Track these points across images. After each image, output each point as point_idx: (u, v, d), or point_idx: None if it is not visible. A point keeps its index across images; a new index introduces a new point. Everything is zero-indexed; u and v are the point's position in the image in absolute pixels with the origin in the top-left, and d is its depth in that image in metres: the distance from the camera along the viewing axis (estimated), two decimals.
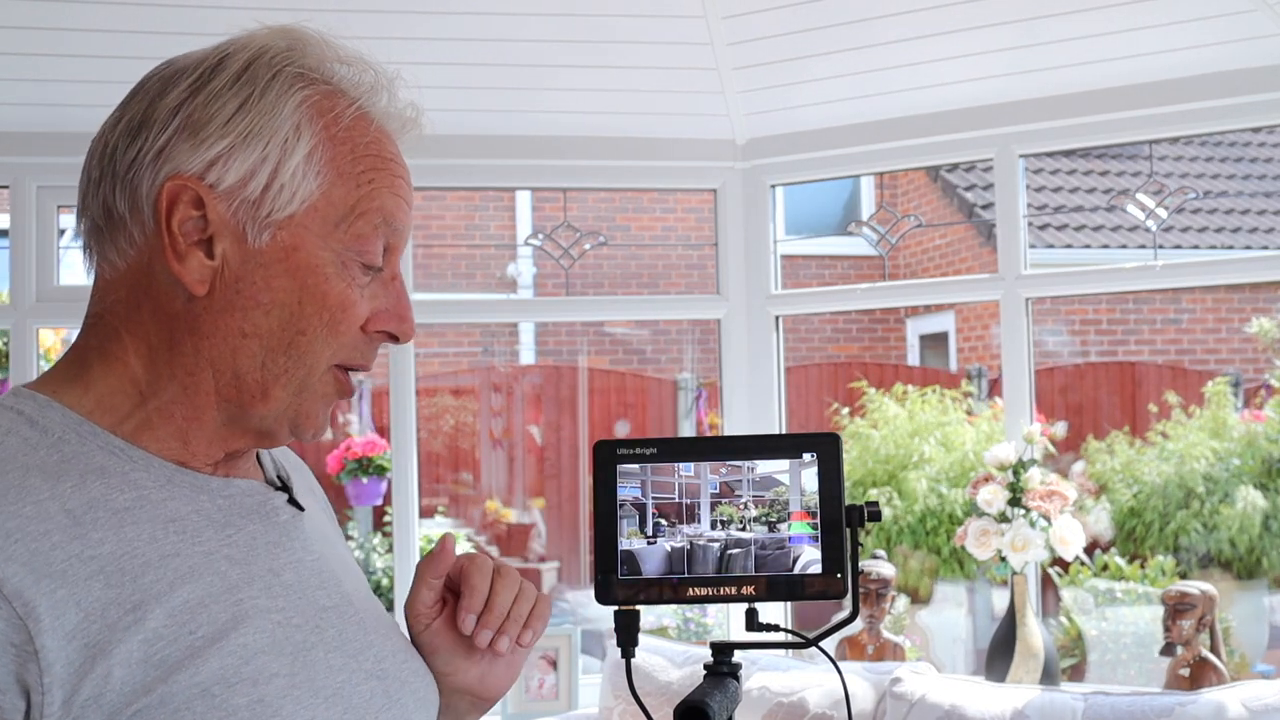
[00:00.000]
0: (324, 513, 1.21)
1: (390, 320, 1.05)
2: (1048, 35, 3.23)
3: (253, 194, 0.99)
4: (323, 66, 1.03)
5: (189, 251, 0.99)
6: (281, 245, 1.00)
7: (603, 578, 1.12)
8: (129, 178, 1.00)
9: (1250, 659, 5.60)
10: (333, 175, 1.01)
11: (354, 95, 1.04)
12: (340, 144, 1.02)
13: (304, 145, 1.00)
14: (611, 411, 8.31)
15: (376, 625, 1.09)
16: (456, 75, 3.44)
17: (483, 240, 9.68)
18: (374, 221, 1.02)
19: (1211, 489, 6.15)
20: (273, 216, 0.99)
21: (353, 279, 1.02)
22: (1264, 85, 3.20)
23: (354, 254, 1.02)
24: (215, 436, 1.03)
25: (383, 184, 1.03)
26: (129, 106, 1.03)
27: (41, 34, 3.18)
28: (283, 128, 1.00)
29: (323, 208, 1.01)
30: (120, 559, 0.92)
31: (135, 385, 1.01)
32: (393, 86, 1.07)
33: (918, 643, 4.99)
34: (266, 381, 1.01)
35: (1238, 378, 7.95)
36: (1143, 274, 3.66)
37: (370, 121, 1.04)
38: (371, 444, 6.87)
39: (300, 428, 1.04)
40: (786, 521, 1.12)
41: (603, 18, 3.25)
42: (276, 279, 1.00)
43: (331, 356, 1.03)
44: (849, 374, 8.57)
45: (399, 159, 1.06)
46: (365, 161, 1.03)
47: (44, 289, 3.61)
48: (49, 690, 0.86)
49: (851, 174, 4.21)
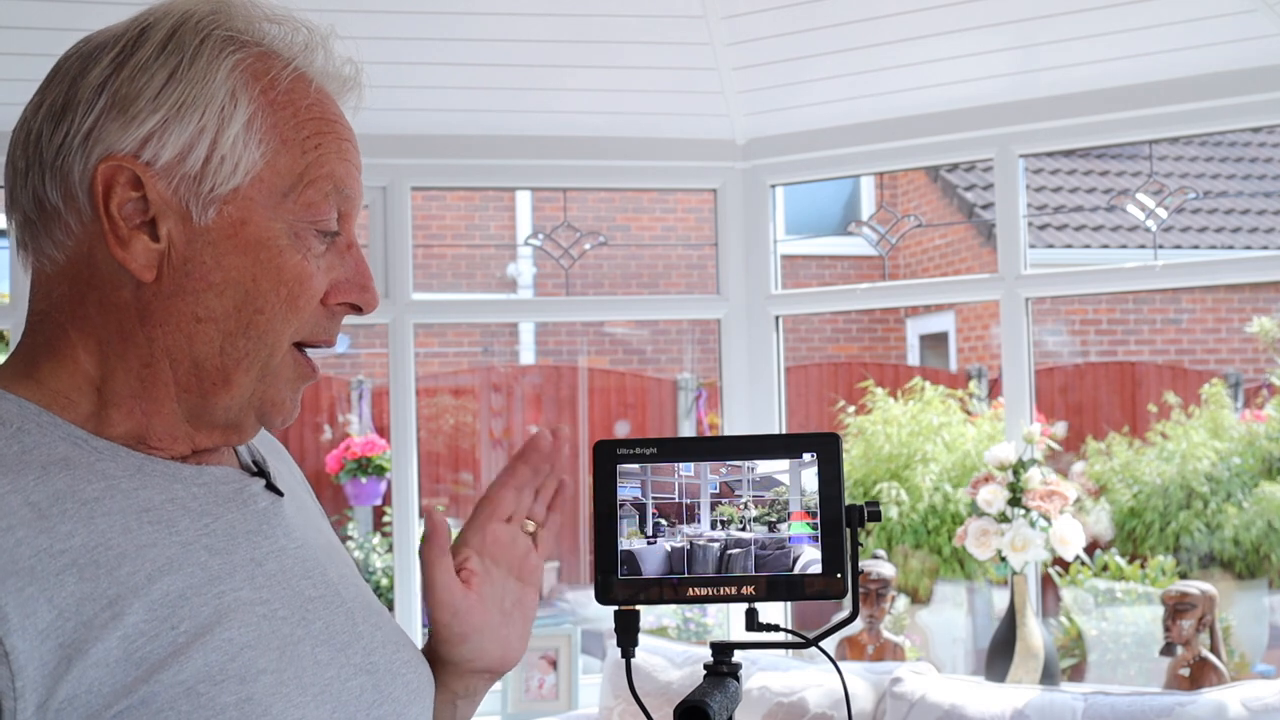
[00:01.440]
0: (308, 495, 1.16)
1: (351, 290, 1.00)
2: (1048, 35, 3.23)
3: (193, 168, 0.93)
4: (252, 27, 0.97)
5: (132, 236, 0.93)
6: (229, 220, 0.94)
7: (603, 578, 1.12)
8: (58, 165, 0.93)
9: (1250, 659, 5.59)
10: (276, 143, 0.95)
11: (288, 56, 0.98)
12: (280, 109, 0.96)
13: (242, 113, 0.94)
14: (611, 411, 8.31)
15: (365, 615, 1.05)
16: (457, 75, 3.44)
17: (483, 240, 9.68)
18: (324, 189, 0.97)
19: (1215, 489, 6.15)
20: (217, 191, 0.94)
21: (308, 250, 0.97)
22: (1264, 85, 3.20)
23: (307, 223, 0.96)
24: (179, 433, 0.97)
25: (329, 148, 0.98)
26: (49, 89, 0.96)
27: (41, 34, 3.18)
28: (218, 95, 0.93)
29: (269, 178, 0.95)
30: (93, 551, 0.87)
31: (89, 382, 0.95)
32: (328, 43, 1.00)
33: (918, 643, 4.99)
34: (227, 367, 0.95)
35: (1237, 378, 7.95)
36: (1143, 274, 3.66)
37: (309, 82, 0.98)
38: (371, 444, 6.87)
39: (268, 415, 0.99)
40: (786, 521, 1.11)
41: (603, 18, 3.25)
42: (227, 256, 0.94)
43: (294, 334, 0.97)
44: (849, 374, 8.57)
45: (343, 120, 1.00)
46: (309, 126, 0.97)
47: None
48: (21, 695, 0.82)
49: (851, 174, 4.21)
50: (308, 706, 0.93)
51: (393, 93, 3.50)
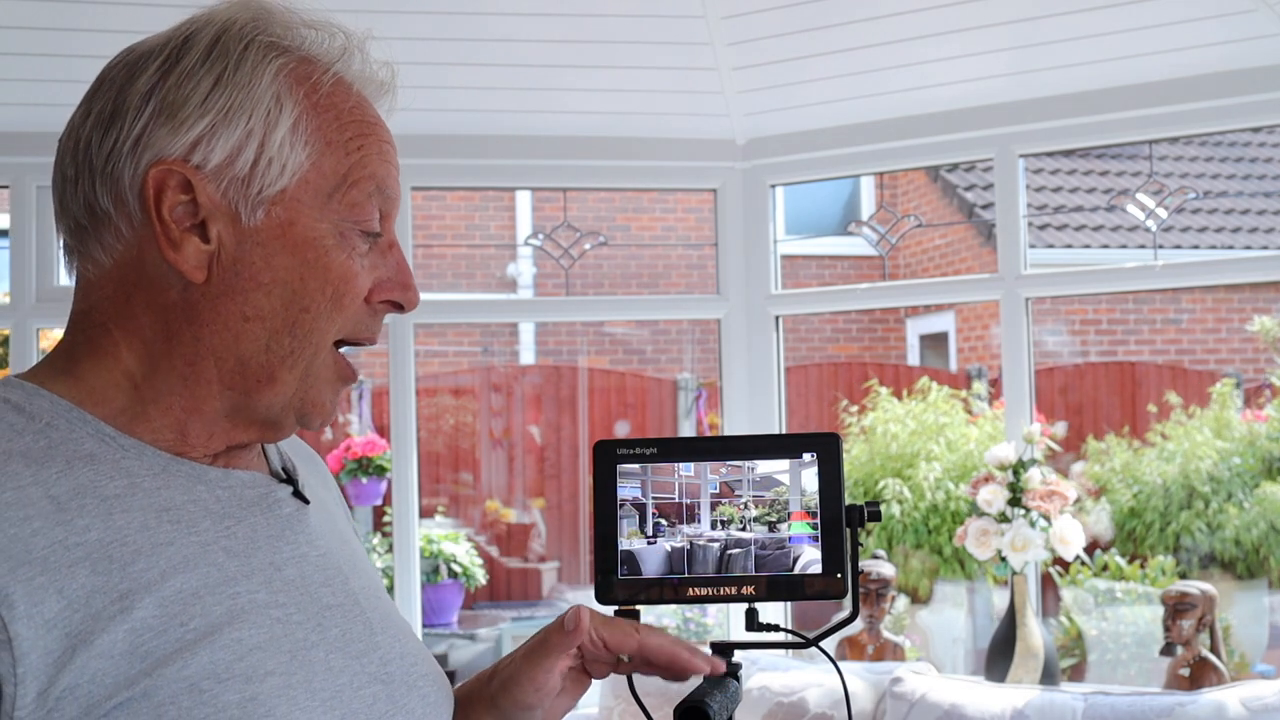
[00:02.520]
0: (338, 506, 1.17)
1: (394, 289, 1.02)
2: (1048, 35, 3.23)
3: (241, 171, 0.95)
4: (291, 33, 0.99)
5: (183, 238, 0.95)
6: (277, 221, 0.96)
7: (603, 578, 1.12)
8: (108, 171, 0.96)
9: (1250, 659, 5.59)
10: (321, 144, 0.98)
11: (328, 61, 1.00)
12: (324, 112, 0.99)
13: (288, 116, 0.97)
14: (611, 411, 8.31)
15: (384, 626, 1.05)
16: (457, 75, 3.44)
17: (483, 240, 9.68)
18: (367, 190, 0.99)
19: (1216, 489, 6.15)
20: (265, 192, 0.96)
21: (353, 249, 0.99)
22: (1264, 85, 3.20)
23: (351, 223, 0.99)
24: (216, 429, 0.99)
25: (371, 150, 1.01)
26: (96, 99, 0.98)
27: (42, 34, 3.18)
28: (264, 100, 0.96)
29: (314, 179, 0.98)
30: (108, 546, 0.89)
31: (129, 379, 0.97)
32: (364, 48, 1.03)
33: (918, 643, 4.99)
34: (272, 365, 0.98)
35: (1237, 378, 7.95)
36: (1143, 274, 3.66)
37: (349, 86, 1.01)
38: (371, 444, 6.87)
39: (308, 415, 1.01)
40: (786, 521, 1.11)
41: (603, 18, 3.25)
42: (276, 257, 0.96)
43: (337, 332, 0.99)
44: (849, 374, 8.57)
45: (382, 122, 1.03)
46: (351, 128, 1.00)
47: (44, 289, 3.61)
48: (22, 681, 0.83)
49: (851, 174, 4.21)
50: (315, 711, 0.94)
51: None
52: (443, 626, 6.22)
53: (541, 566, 7.89)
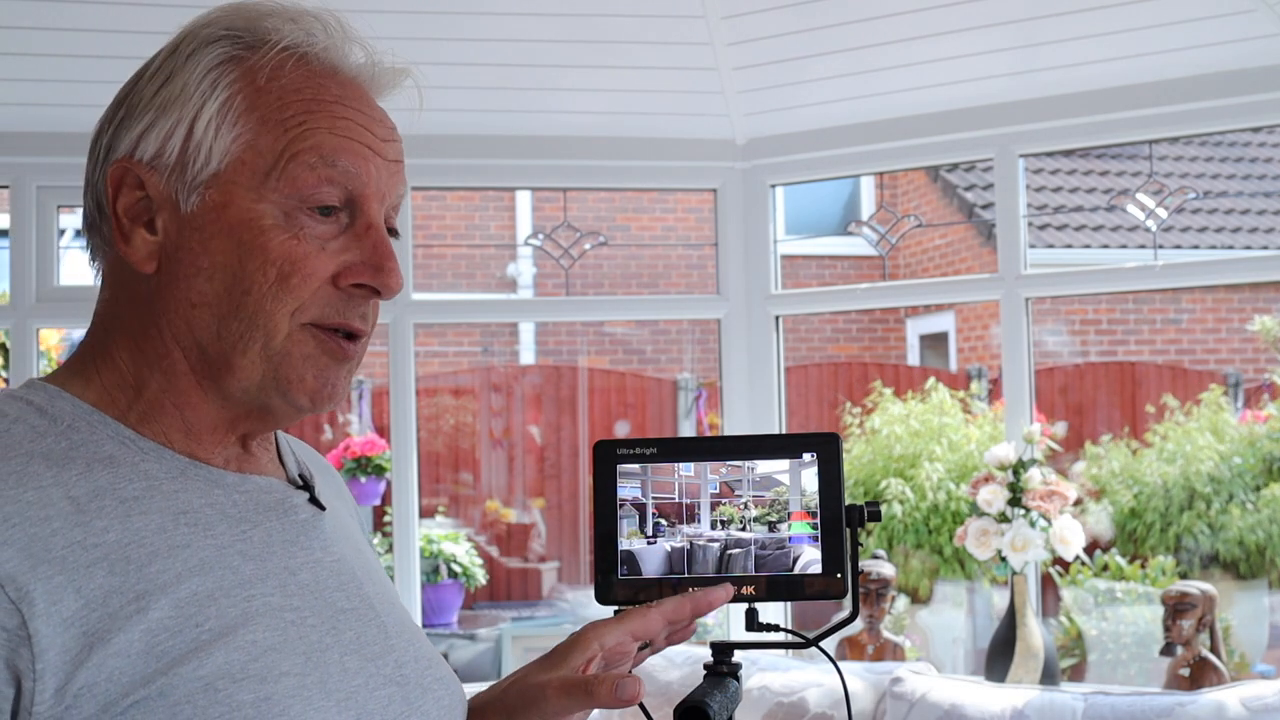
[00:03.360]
0: (351, 517, 1.18)
1: (364, 272, 0.99)
2: (1048, 35, 3.23)
3: (172, 158, 0.97)
4: (252, 24, 0.99)
5: (133, 231, 0.98)
6: (211, 205, 0.96)
7: (603, 578, 1.12)
8: (94, 179, 1.00)
9: (1250, 659, 5.60)
10: (254, 124, 0.97)
11: (285, 44, 0.99)
12: (263, 92, 0.97)
13: (217, 99, 0.97)
14: (611, 411, 8.30)
15: (399, 631, 1.06)
16: (457, 75, 3.44)
17: (483, 240, 9.68)
18: (308, 162, 0.96)
19: (1217, 489, 6.15)
20: (198, 177, 0.96)
21: (301, 229, 0.97)
22: (1264, 85, 3.20)
23: (296, 201, 0.97)
24: (217, 420, 1.00)
25: (318, 124, 0.98)
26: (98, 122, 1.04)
27: (41, 34, 3.18)
28: (196, 87, 0.97)
29: (250, 159, 0.96)
30: (125, 548, 0.90)
31: (125, 378, 0.99)
32: (345, 33, 1.02)
33: (918, 643, 4.99)
34: (225, 350, 0.97)
35: (1237, 378, 7.95)
36: (1143, 274, 3.66)
37: (308, 66, 0.99)
38: (371, 444, 6.87)
39: (290, 395, 0.98)
40: (786, 521, 1.11)
41: (603, 18, 3.25)
42: (212, 240, 0.96)
43: (297, 315, 0.97)
44: (849, 374, 8.57)
45: (351, 100, 1.00)
46: (295, 105, 0.98)
47: (44, 289, 3.61)
48: (41, 677, 0.84)
49: (851, 174, 4.21)
50: (330, 711, 0.94)
51: (392, 92, 3.49)
52: (443, 626, 6.22)
53: (541, 566, 7.89)
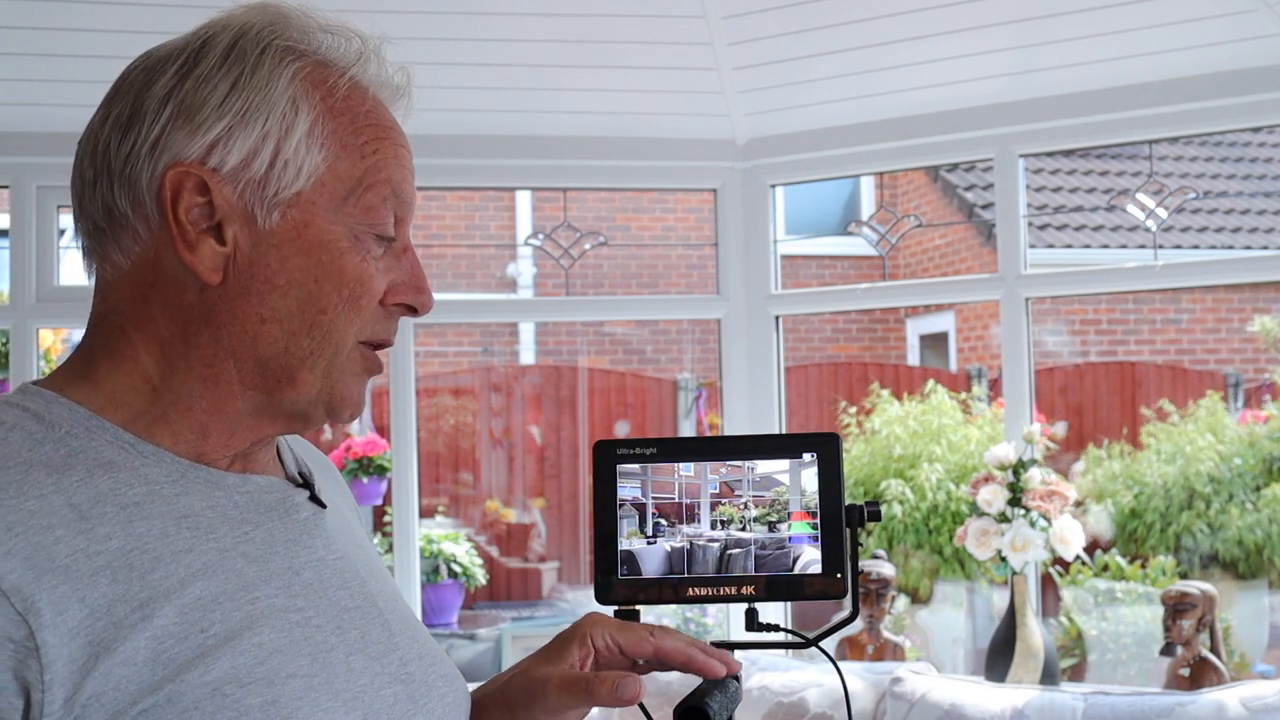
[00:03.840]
0: (352, 513, 1.18)
1: (408, 292, 1.03)
2: (1048, 35, 3.23)
3: (258, 173, 0.96)
4: (308, 38, 1.00)
5: (200, 240, 0.96)
6: (293, 224, 0.97)
7: (603, 578, 1.12)
8: (126, 173, 0.96)
9: (1250, 659, 5.60)
10: (336, 148, 0.99)
11: (344, 65, 1.01)
12: (339, 115, 0.99)
13: (304, 119, 0.97)
14: (611, 411, 8.31)
15: (403, 629, 1.06)
16: (457, 75, 3.44)
17: (483, 240, 9.68)
18: (383, 193, 1.00)
19: (1217, 489, 6.15)
20: (281, 195, 0.97)
21: (367, 252, 1.00)
22: (1264, 85, 3.20)
23: (366, 226, 0.99)
24: (240, 426, 1.00)
25: (387, 154, 1.01)
26: (115, 102, 0.99)
27: (41, 34, 3.18)
28: (280, 103, 0.97)
29: (330, 182, 0.98)
30: (129, 554, 0.89)
31: (148, 382, 0.97)
32: (380, 52, 1.04)
33: (918, 643, 4.99)
34: (293, 366, 0.98)
35: (1237, 378, 7.96)
36: (1143, 274, 3.66)
37: (365, 90, 1.02)
38: (371, 444, 6.87)
39: (336, 409, 1.01)
40: (786, 521, 1.11)
41: (603, 18, 3.25)
42: (291, 259, 0.97)
43: (357, 333, 1.00)
44: (849, 374, 8.57)
45: (398, 127, 1.04)
46: (367, 132, 1.00)
47: (44, 289, 3.61)
48: (49, 688, 0.84)
49: (851, 174, 4.21)
50: (337, 711, 0.95)
51: None
52: (443, 626, 6.23)
53: (541, 566, 7.89)
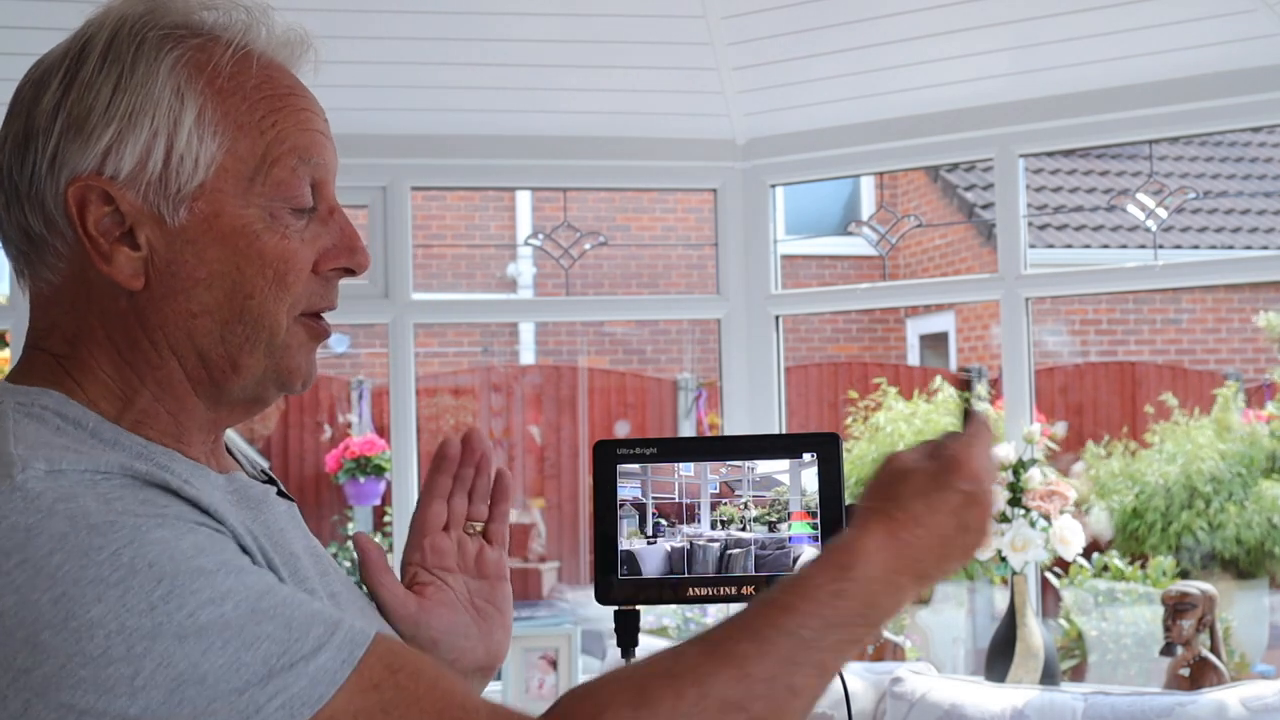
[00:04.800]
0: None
1: (340, 255, 1.01)
2: (1048, 35, 3.22)
3: (154, 173, 0.95)
4: (189, 19, 0.98)
5: (114, 250, 0.95)
6: (201, 216, 0.96)
7: (603, 578, 1.12)
8: (33, 194, 0.95)
9: (1250, 659, 5.60)
10: (232, 130, 0.96)
11: (228, 39, 0.98)
12: (229, 96, 0.97)
13: (191, 108, 0.95)
14: (611, 411, 8.30)
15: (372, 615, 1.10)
16: (457, 75, 3.44)
17: (483, 240, 9.68)
18: (290, 164, 0.98)
19: (1218, 489, 6.15)
20: (183, 190, 0.95)
21: (286, 228, 0.98)
22: (1264, 85, 3.20)
23: (281, 202, 0.98)
24: (205, 421, 1.01)
25: (287, 122, 0.98)
26: (11, 122, 0.98)
27: (42, 34, 3.18)
28: (164, 97, 0.95)
29: (232, 166, 0.96)
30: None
31: (111, 390, 0.98)
32: (268, 16, 1.01)
33: (918, 643, 4.99)
34: (232, 354, 0.98)
35: (1238, 378, 7.95)
36: (1143, 274, 3.66)
37: (252, 59, 0.99)
38: (370, 443, 6.87)
39: (287, 383, 1.01)
40: (787, 521, 1.11)
41: (603, 18, 3.24)
42: (208, 250, 0.96)
43: (290, 309, 0.99)
44: (849, 374, 8.57)
45: (297, 90, 1.01)
46: (261, 105, 0.98)
47: None
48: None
49: (851, 174, 4.22)
50: None
51: (393, 93, 3.49)
52: None
53: (541, 566, 7.88)
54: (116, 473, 0.87)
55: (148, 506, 0.86)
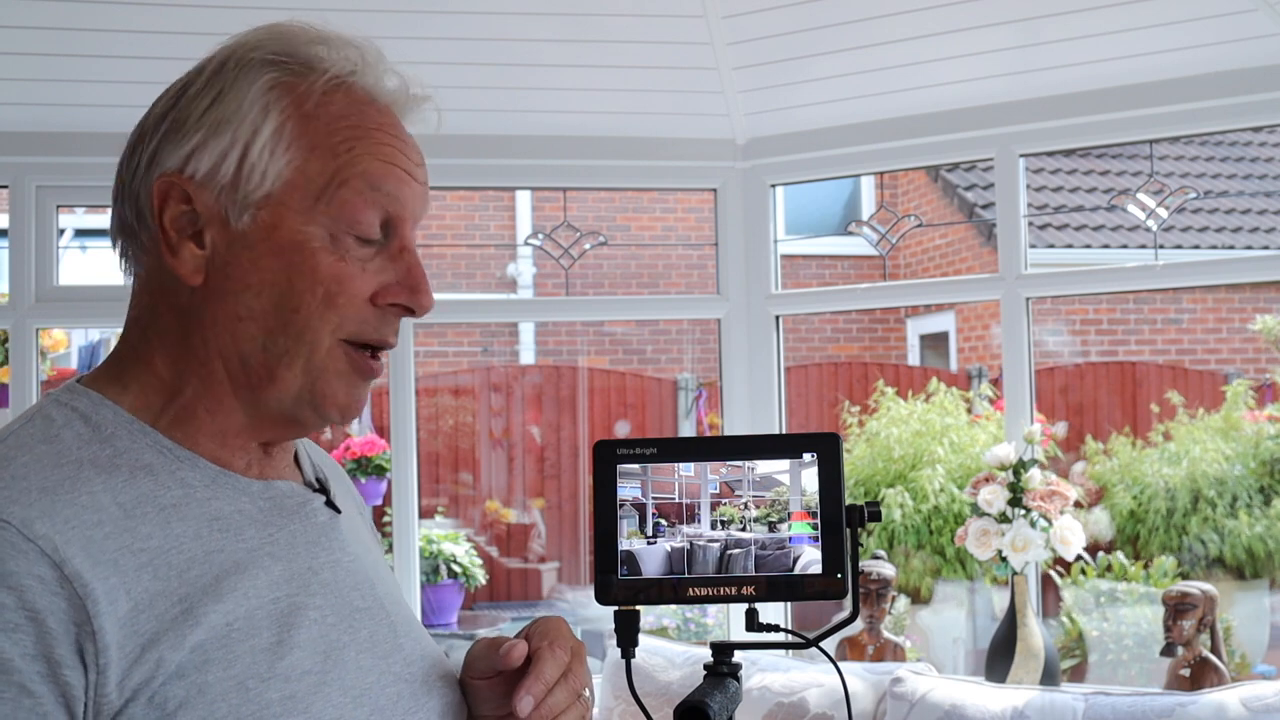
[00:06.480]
0: (361, 518, 1.23)
1: (400, 292, 1.04)
2: (1048, 35, 3.22)
3: (225, 178, 1.00)
4: (297, 50, 1.04)
5: (181, 244, 1.01)
6: (263, 225, 1.01)
7: (603, 578, 1.12)
8: (133, 188, 1.03)
9: (1251, 659, 5.60)
10: (305, 149, 1.02)
11: (326, 69, 1.04)
12: (310, 119, 1.02)
13: (271, 123, 1.01)
14: (611, 411, 8.30)
15: (407, 630, 1.11)
16: (457, 75, 3.44)
17: (483, 240, 9.68)
18: (357, 188, 1.02)
19: (1221, 491, 6.14)
20: (250, 197, 1.00)
21: (347, 252, 1.02)
22: (1264, 85, 3.20)
23: (344, 226, 1.02)
24: (244, 428, 1.04)
25: (364, 150, 1.03)
26: (134, 129, 1.06)
27: (42, 34, 3.18)
28: (250, 111, 1.01)
29: (300, 183, 1.01)
30: (166, 554, 0.95)
31: (163, 384, 1.03)
32: (381, 61, 1.07)
33: (918, 643, 4.99)
34: (270, 363, 1.02)
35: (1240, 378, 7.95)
36: (1143, 274, 3.66)
37: (350, 93, 1.04)
38: (370, 443, 6.87)
39: (322, 409, 1.04)
40: (787, 521, 1.11)
41: (603, 18, 3.24)
42: (263, 259, 1.01)
43: (335, 331, 1.02)
44: (849, 374, 8.57)
45: (390, 128, 1.06)
46: (343, 132, 1.03)
47: (43, 289, 3.61)
48: (104, 670, 0.89)
49: (851, 174, 4.21)
50: (346, 707, 1.00)
51: (417, 118, 3.49)
52: (443, 627, 6.22)
53: (541, 567, 7.88)
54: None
55: None
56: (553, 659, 1.07)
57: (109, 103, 3.38)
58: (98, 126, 3.46)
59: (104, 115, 3.42)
